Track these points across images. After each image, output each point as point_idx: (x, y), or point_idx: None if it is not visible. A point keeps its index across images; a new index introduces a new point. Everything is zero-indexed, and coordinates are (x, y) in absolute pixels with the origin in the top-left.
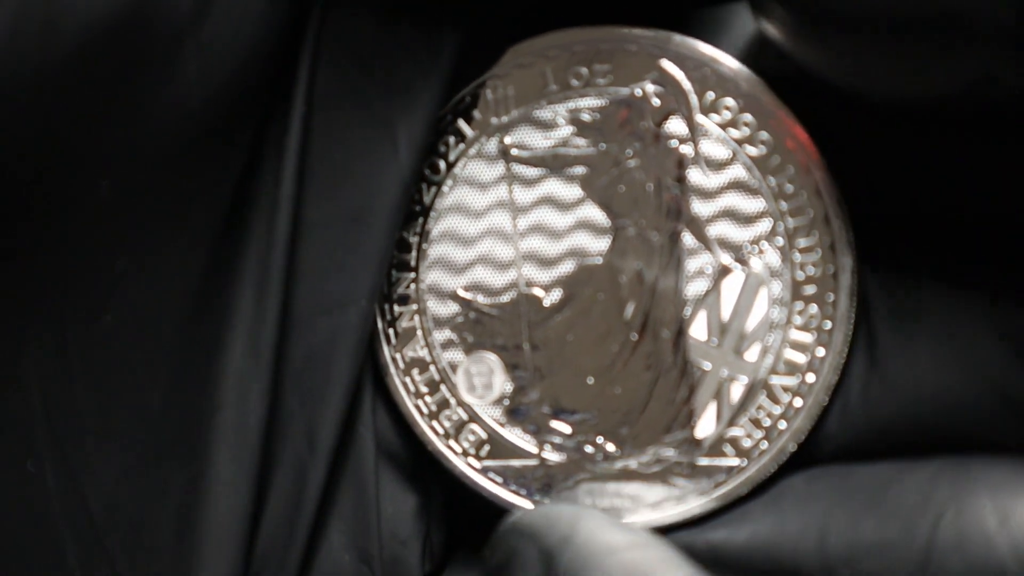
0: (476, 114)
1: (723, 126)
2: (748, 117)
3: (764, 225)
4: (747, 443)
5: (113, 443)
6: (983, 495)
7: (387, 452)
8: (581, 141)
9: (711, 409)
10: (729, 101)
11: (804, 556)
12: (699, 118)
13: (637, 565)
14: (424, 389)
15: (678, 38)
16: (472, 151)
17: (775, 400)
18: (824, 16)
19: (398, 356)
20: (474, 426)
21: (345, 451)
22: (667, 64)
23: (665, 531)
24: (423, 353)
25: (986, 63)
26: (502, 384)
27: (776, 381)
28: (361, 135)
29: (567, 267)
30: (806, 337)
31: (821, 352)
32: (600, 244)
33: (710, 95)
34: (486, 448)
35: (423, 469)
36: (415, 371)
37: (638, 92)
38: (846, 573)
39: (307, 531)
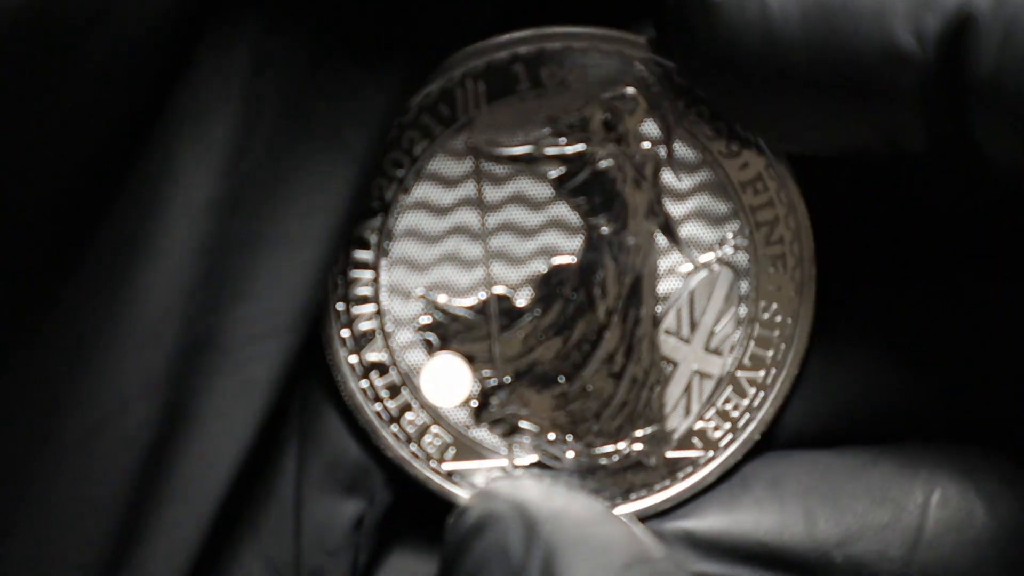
0: (443, 109)
1: (694, 130)
2: (719, 123)
3: (733, 226)
4: (715, 435)
5: None
6: (965, 480)
7: (330, 460)
8: (554, 140)
9: (681, 404)
10: (700, 107)
11: (794, 540)
12: (672, 120)
13: (615, 535)
14: (384, 393)
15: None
16: (437, 146)
17: (742, 393)
18: (725, 70)
19: (355, 359)
20: (437, 429)
21: (258, 458)
22: (642, 67)
23: (645, 520)
24: (383, 356)
25: (891, 122)
26: (469, 385)
27: (742, 375)
28: (306, 148)
29: (538, 266)
30: (771, 334)
31: (784, 347)
32: (572, 243)
33: (682, 100)
34: (451, 451)
35: (370, 476)
36: (374, 374)
37: (614, 93)
38: (839, 555)
39: (204, 536)
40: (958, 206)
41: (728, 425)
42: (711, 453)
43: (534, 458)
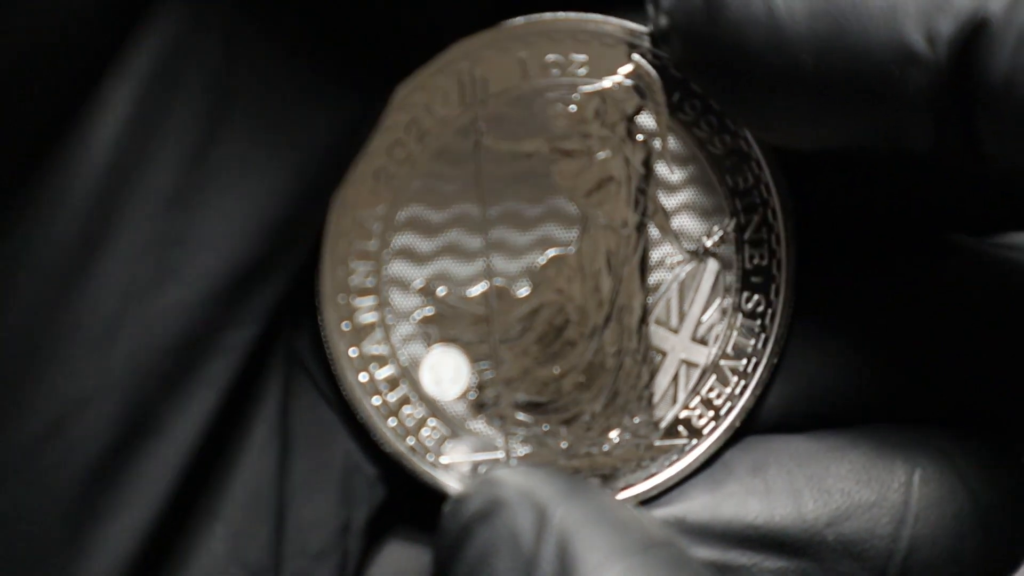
0: (448, 97)
1: (687, 124)
2: (711, 118)
3: (720, 218)
4: (699, 423)
5: None
6: (941, 459)
7: (317, 460)
8: (552, 132)
9: (669, 393)
10: (694, 101)
11: (785, 521)
12: (667, 114)
13: (628, 522)
14: (384, 387)
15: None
16: (441, 136)
17: (724, 382)
18: (731, 69)
19: (354, 352)
20: (435, 422)
21: (235, 456)
22: (641, 59)
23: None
24: (383, 349)
25: (897, 123)
26: (467, 377)
27: (725, 364)
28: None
29: (535, 257)
30: (753, 323)
31: (765, 336)
32: (569, 234)
33: (677, 94)
34: (448, 444)
35: (361, 475)
36: (373, 366)
37: (613, 84)
38: (830, 534)
39: (173, 534)
40: (940, 197)
41: (711, 413)
42: (695, 441)
43: (529, 449)
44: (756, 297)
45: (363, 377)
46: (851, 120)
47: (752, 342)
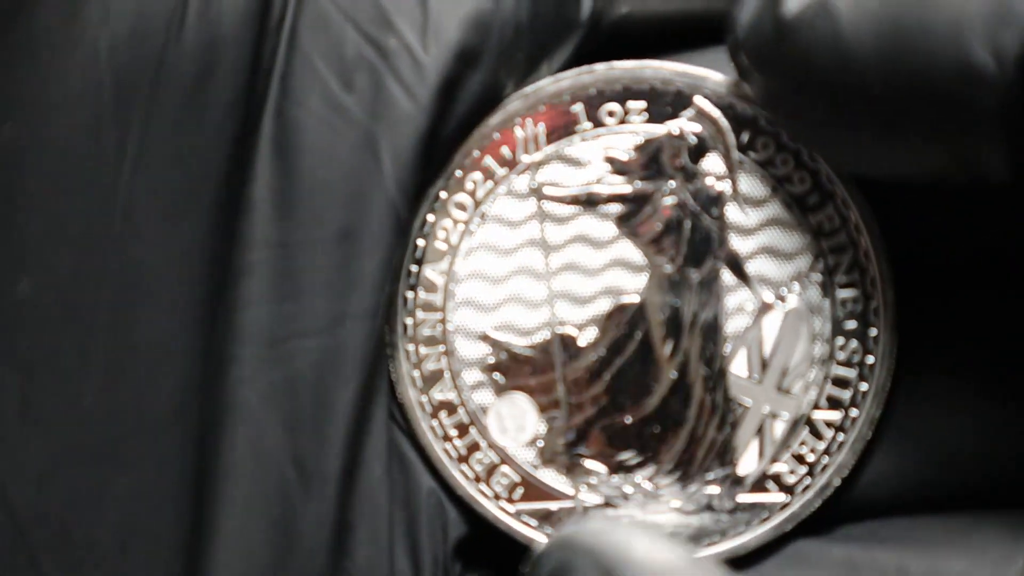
0: (505, 151)
1: (761, 163)
2: (785, 155)
3: (804, 261)
4: (790, 479)
5: (35, 431)
6: None
7: (408, 497)
8: (616, 179)
9: (753, 445)
10: (766, 139)
11: None
12: (736, 155)
13: None
14: (453, 432)
15: (715, 75)
16: (501, 189)
17: (818, 435)
18: (801, 94)
19: (424, 399)
20: (506, 468)
21: (357, 490)
22: (703, 101)
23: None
24: (451, 395)
25: (969, 147)
26: (535, 425)
27: (819, 416)
28: (344, 154)
29: (602, 305)
30: (848, 372)
31: (864, 387)
32: (636, 282)
33: (747, 133)
34: (519, 491)
35: (445, 511)
36: (443, 414)
37: (675, 130)
38: None
39: (303, 564)
40: None
41: (804, 469)
42: (787, 498)
43: (600, 499)
44: (852, 344)
45: (433, 423)
46: (922, 144)
47: (849, 393)
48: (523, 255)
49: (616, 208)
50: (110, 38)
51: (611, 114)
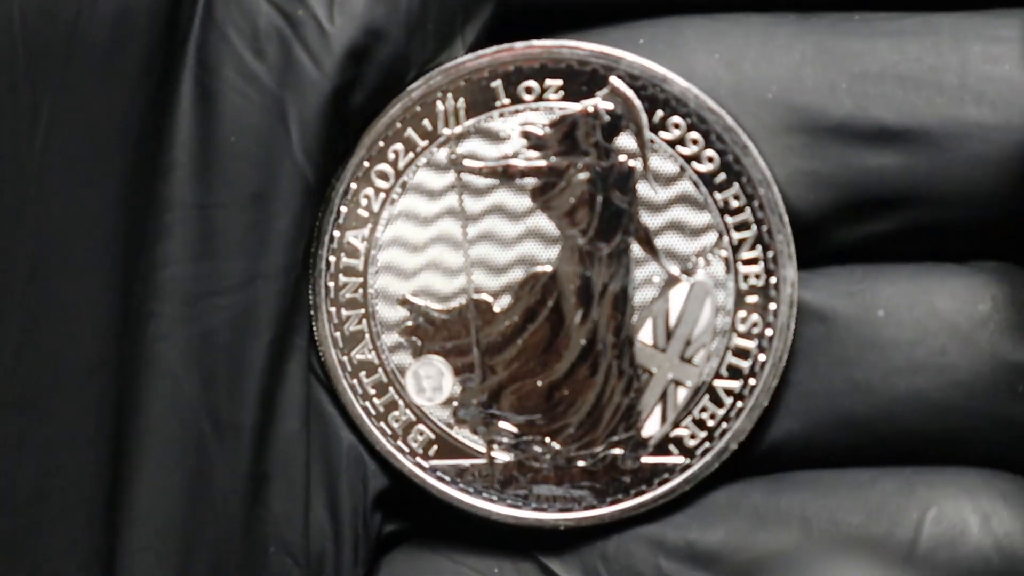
0: (426, 124)
1: (671, 143)
2: (695, 135)
3: (709, 238)
4: (691, 443)
5: None
6: (962, 497)
7: (328, 450)
8: (532, 153)
9: (657, 411)
10: (678, 119)
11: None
12: (648, 135)
13: None
14: (372, 391)
15: (630, 56)
16: (422, 160)
17: (718, 403)
18: None
19: (345, 359)
20: (422, 426)
21: (273, 442)
22: (617, 82)
23: (624, 524)
24: (371, 356)
25: None
26: (450, 386)
27: (719, 384)
28: (255, 120)
29: (517, 274)
30: (748, 343)
31: (762, 357)
32: (550, 252)
33: (659, 113)
34: (434, 448)
35: (364, 464)
36: (363, 373)
37: (589, 108)
38: None
39: (218, 514)
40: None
41: (704, 434)
42: (687, 460)
43: (511, 458)
44: (753, 317)
45: (353, 382)
46: None
47: (748, 363)
48: (442, 224)
49: (532, 181)
50: (22, 4)
51: (529, 91)
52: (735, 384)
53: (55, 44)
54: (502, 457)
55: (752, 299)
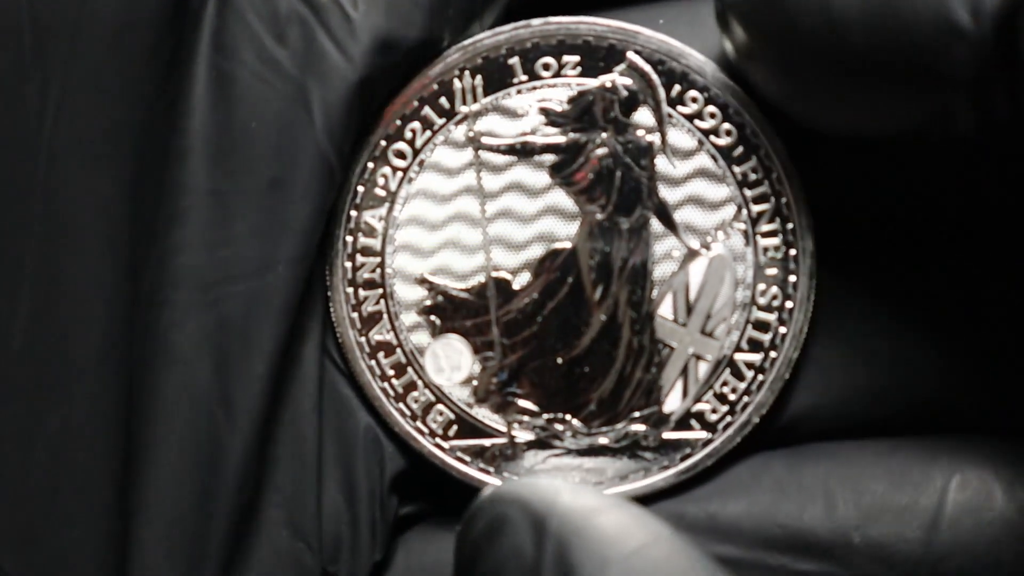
0: (443, 102)
1: (689, 117)
2: (713, 109)
3: (728, 211)
4: (712, 417)
5: None
6: (985, 465)
7: (344, 433)
8: (550, 130)
9: (678, 386)
10: (695, 94)
11: (814, 522)
12: (666, 109)
13: (621, 521)
14: (390, 372)
15: (647, 31)
16: (439, 138)
17: (739, 376)
18: (784, 50)
19: (363, 340)
20: (441, 407)
21: (283, 425)
22: (635, 57)
23: (647, 500)
24: (389, 336)
25: (943, 102)
26: (470, 365)
27: (740, 358)
28: (276, 106)
29: (535, 251)
30: (768, 316)
31: (783, 330)
32: (569, 229)
33: (677, 88)
34: (454, 428)
35: (381, 447)
36: (381, 354)
37: (607, 83)
38: (857, 536)
39: (230, 500)
40: (973, 189)
41: (725, 408)
42: (709, 435)
43: (532, 436)
44: (773, 290)
45: (372, 363)
46: (901, 101)
47: (768, 336)
48: (460, 202)
49: (550, 158)
50: None
51: (546, 67)
52: (756, 357)
53: (63, 26)
54: (523, 436)
55: (772, 271)
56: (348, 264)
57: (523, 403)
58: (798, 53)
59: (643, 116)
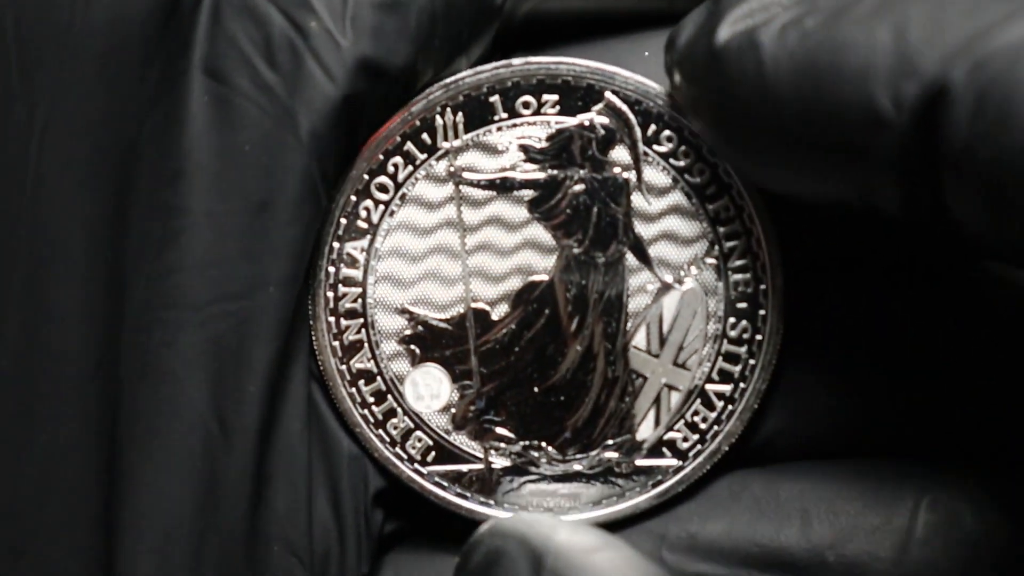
0: (425, 138)
1: (664, 156)
2: (687, 148)
3: (701, 247)
4: (684, 445)
5: None
6: (955, 487)
7: (329, 451)
8: (529, 166)
9: (651, 415)
10: (670, 133)
11: (789, 541)
12: (642, 148)
13: (616, 561)
14: (371, 399)
15: (625, 72)
16: (421, 173)
17: (710, 406)
18: (721, 114)
19: (344, 367)
20: (420, 433)
21: (276, 443)
22: (613, 97)
23: (627, 523)
24: (370, 364)
25: (869, 181)
26: (448, 393)
27: (711, 388)
28: (266, 129)
29: (514, 283)
30: (739, 349)
31: (752, 362)
32: (546, 262)
33: (652, 127)
34: (432, 454)
35: (364, 466)
36: (361, 382)
37: (585, 122)
38: (831, 555)
39: (223, 517)
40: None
41: (696, 436)
42: (680, 462)
43: (508, 463)
44: (743, 323)
45: (352, 390)
46: (826, 176)
47: (738, 368)
48: (440, 235)
49: (529, 193)
50: (16, 10)
51: (526, 105)
52: (726, 388)
53: (49, 49)
54: (500, 462)
55: (742, 305)
56: (330, 294)
57: (500, 430)
58: (733, 118)
59: (620, 154)
